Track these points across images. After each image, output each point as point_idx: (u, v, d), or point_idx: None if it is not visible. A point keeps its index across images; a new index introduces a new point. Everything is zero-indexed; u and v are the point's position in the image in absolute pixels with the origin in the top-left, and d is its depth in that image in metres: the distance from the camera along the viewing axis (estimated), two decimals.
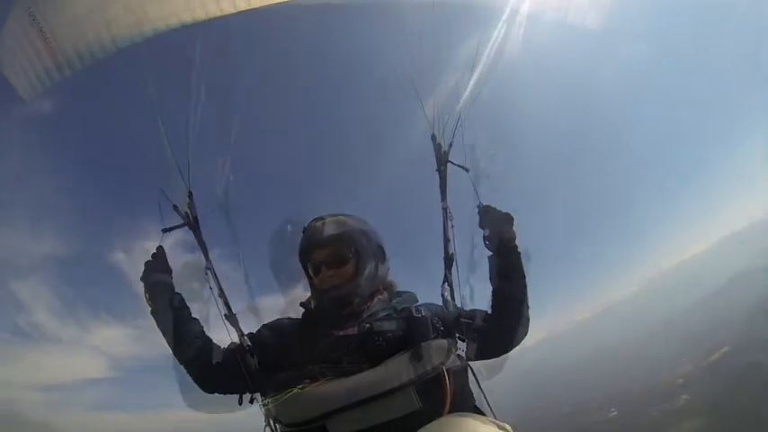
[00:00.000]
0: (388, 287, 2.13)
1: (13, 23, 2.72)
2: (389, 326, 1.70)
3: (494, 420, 1.48)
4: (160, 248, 2.17)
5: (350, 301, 1.90)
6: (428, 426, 1.39)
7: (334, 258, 1.98)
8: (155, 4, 2.70)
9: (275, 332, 1.99)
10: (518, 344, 2.10)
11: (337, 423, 1.45)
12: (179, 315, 1.99)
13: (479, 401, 1.76)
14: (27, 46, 2.75)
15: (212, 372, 1.91)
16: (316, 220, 2.07)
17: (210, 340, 2.03)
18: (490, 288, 2.12)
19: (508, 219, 2.15)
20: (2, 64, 2.76)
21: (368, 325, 1.71)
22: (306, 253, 2.06)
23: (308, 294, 2.13)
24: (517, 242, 2.17)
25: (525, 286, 2.10)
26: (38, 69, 2.78)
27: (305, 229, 2.09)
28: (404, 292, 2.09)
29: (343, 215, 2.08)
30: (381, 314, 1.91)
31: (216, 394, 1.95)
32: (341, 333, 1.81)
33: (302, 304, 2.05)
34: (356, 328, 1.78)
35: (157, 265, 2.12)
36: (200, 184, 2.42)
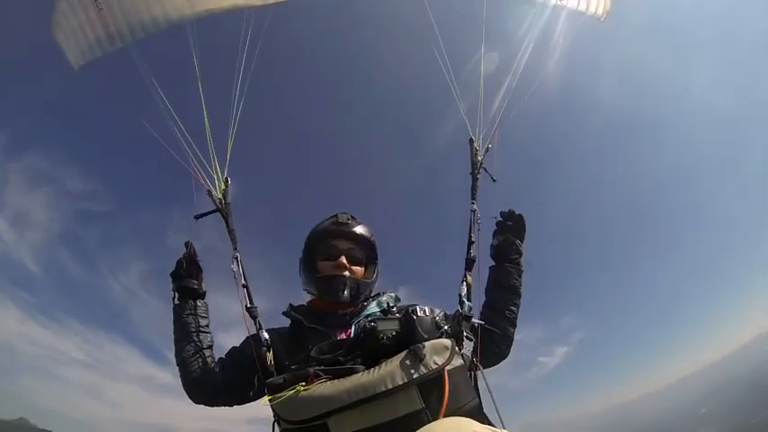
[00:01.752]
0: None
1: None
2: (391, 325, 1.65)
3: (491, 426, 1.39)
4: (189, 244, 2.16)
5: (353, 294, 1.95)
6: (419, 430, 1.33)
7: (355, 255, 2.04)
8: None
9: (275, 335, 1.96)
10: (499, 361, 2.09)
11: (339, 422, 1.43)
12: (191, 330, 2.02)
13: (487, 404, 1.70)
14: (81, 13, 2.76)
15: (203, 390, 1.95)
16: (343, 213, 2.12)
17: (208, 364, 2.00)
18: (484, 298, 2.15)
19: (520, 229, 2.20)
20: (54, 29, 2.77)
21: (369, 324, 1.65)
22: (329, 236, 2.08)
23: (288, 302, 2.10)
24: (523, 260, 2.18)
25: (518, 306, 2.10)
26: (89, 38, 2.78)
27: (331, 216, 2.13)
28: (385, 292, 2.08)
29: (365, 223, 2.15)
30: (379, 314, 1.91)
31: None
32: (341, 332, 1.81)
33: (285, 313, 2.01)
34: (356, 328, 1.77)
35: (186, 268, 2.13)
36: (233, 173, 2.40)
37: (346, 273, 1.98)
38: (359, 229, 2.08)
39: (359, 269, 2.04)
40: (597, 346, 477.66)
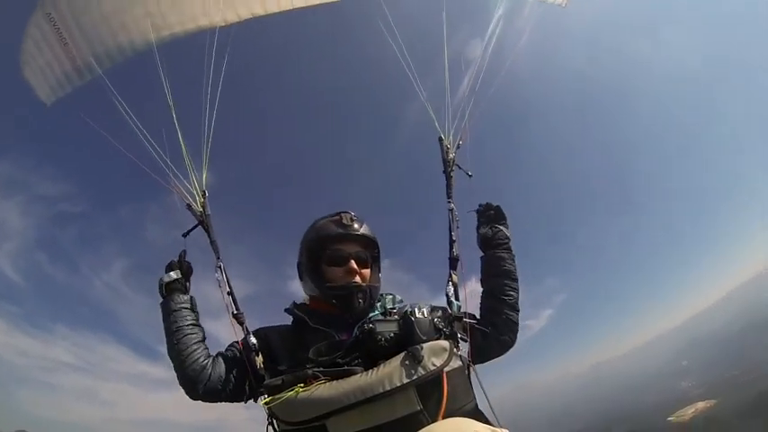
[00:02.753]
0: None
1: (34, 28, 2.78)
2: (390, 327, 1.67)
3: (491, 426, 1.43)
4: (183, 253, 2.18)
5: (369, 303, 1.91)
6: (423, 429, 1.37)
7: (362, 257, 1.98)
8: (174, 9, 2.75)
9: (273, 333, 1.97)
10: (506, 350, 2.08)
11: (337, 423, 1.44)
12: (184, 323, 1.97)
13: (482, 404, 1.72)
14: (46, 50, 2.81)
15: (201, 386, 1.88)
16: (345, 212, 2.03)
17: (205, 358, 1.95)
18: (480, 290, 2.14)
19: (501, 217, 2.22)
20: (23, 67, 2.81)
21: (368, 326, 1.68)
22: (335, 240, 1.99)
23: (292, 300, 2.10)
24: (512, 244, 2.20)
25: (517, 290, 2.10)
26: (57, 74, 2.83)
27: (334, 215, 2.04)
28: (386, 294, 2.05)
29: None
30: (380, 315, 1.88)
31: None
32: (340, 334, 1.80)
33: (287, 311, 2.02)
34: (356, 330, 1.75)
35: (178, 267, 2.13)
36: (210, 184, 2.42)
37: (357, 278, 1.94)
38: (364, 230, 2.01)
39: (367, 272, 2.00)
40: (580, 306, 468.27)
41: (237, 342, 1.97)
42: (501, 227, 2.22)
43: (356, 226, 2.00)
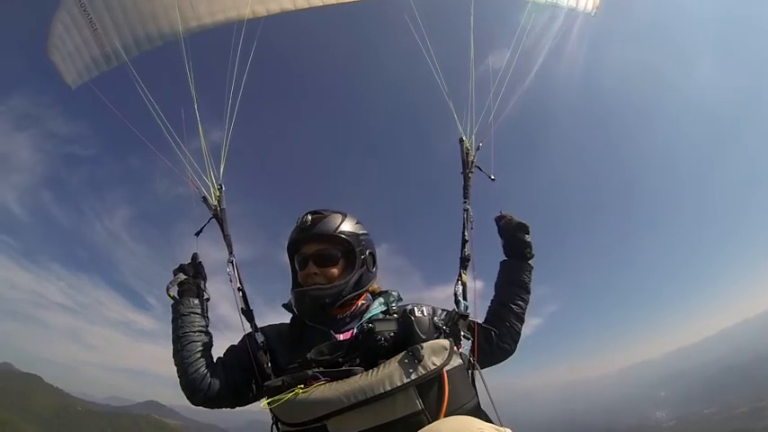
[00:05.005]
0: (372, 290, 2.06)
1: (64, 12, 2.79)
2: (389, 326, 1.65)
3: (493, 424, 1.40)
4: (195, 255, 2.17)
5: (328, 303, 1.84)
6: (424, 428, 1.35)
7: (322, 256, 1.90)
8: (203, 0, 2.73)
9: (274, 332, 1.95)
10: (506, 357, 2.06)
11: (338, 424, 1.43)
12: (192, 329, 1.95)
13: (485, 404, 1.69)
14: (76, 34, 2.82)
15: (203, 393, 1.86)
16: (312, 213, 1.97)
17: (208, 366, 1.92)
18: (493, 294, 2.15)
19: (523, 228, 2.15)
20: (50, 50, 2.82)
21: (367, 326, 1.65)
22: (295, 245, 1.98)
23: (289, 296, 2.02)
24: (534, 256, 2.15)
25: (526, 302, 2.10)
26: (86, 59, 2.83)
27: (298, 218, 2.00)
28: (386, 291, 2.03)
29: (342, 213, 2.00)
30: (380, 315, 1.88)
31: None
32: (340, 335, 1.80)
33: (285, 306, 1.99)
34: (355, 329, 1.75)
35: (193, 269, 2.13)
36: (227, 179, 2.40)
37: (317, 280, 1.87)
38: (324, 226, 1.92)
39: (331, 270, 1.89)
40: (568, 321, 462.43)
41: (238, 343, 1.95)
42: (526, 236, 2.16)
43: (312, 225, 1.92)
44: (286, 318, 1.99)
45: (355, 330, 1.75)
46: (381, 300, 1.96)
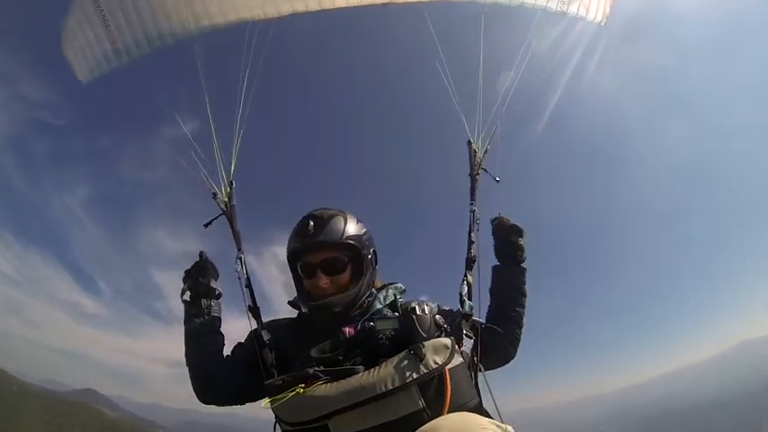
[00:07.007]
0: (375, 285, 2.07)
1: (78, 8, 2.83)
2: (391, 324, 1.66)
3: (495, 421, 1.41)
4: (202, 253, 2.13)
5: (345, 313, 1.85)
6: (427, 424, 1.36)
7: (331, 265, 1.87)
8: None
9: (280, 328, 1.96)
10: (507, 362, 2.09)
11: (339, 423, 1.42)
12: (205, 330, 1.97)
13: (486, 401, 1.71)
14: (89, 30, 2.85)
15: (215, 391, 1.92)
16: (312, 217, 1.90)
17: (220, 366, 1.96)
18: (489, 300, 2.14)
19: (516, 231, 2.14)
20: (64, 45, 2.85)
21: (369, 324, 1.66)
22: (298, 254, 1.92)
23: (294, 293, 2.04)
24: (525, 259, 2.15)
25: (524, 306, 2.10)
26: (97, 54, 2.86)
27: (298, 224, 1.93)
28: (390, 284, 2.03)
29: (342, 214, 1.95)
30: (382, 312, 1.87)
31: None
32: (341, 333, 1.78)
33: (291, 303, 2.00)
34: (357, 328, 1.74)
35: (204, 269, 2.08)
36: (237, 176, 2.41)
37: (327, 288, 1.86)
38: (329, 233, 1.87)
39: (341, 277, 1.89)
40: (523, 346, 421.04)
41: (245, 341, 1.97)
42: (519, 239, 2.15)
43: (315, 233, 1.86)
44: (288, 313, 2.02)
45: (357, 328, 1.75)
46: (386, 293, 1.97)
